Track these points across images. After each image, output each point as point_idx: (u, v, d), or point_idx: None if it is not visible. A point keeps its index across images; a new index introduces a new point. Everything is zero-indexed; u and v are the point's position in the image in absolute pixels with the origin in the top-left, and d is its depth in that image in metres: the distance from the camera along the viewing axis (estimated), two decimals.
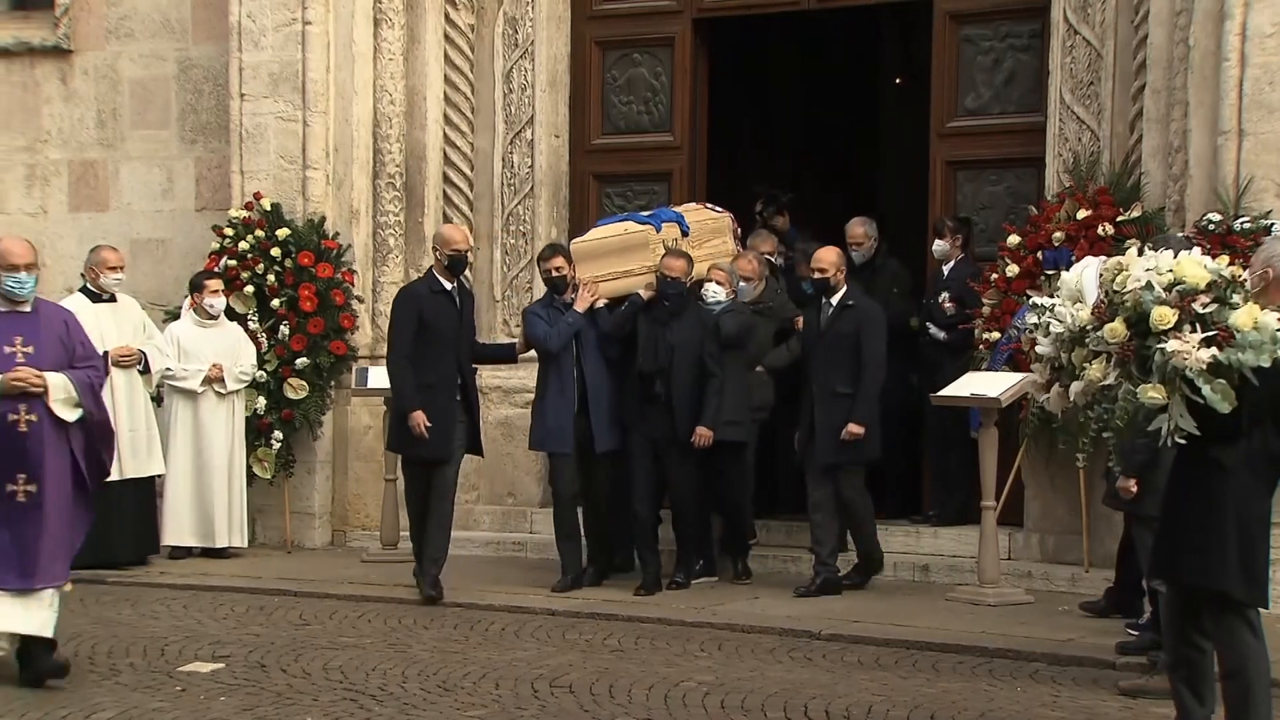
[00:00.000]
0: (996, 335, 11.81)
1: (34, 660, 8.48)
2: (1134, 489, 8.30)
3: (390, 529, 13.26)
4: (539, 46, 14.39)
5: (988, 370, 11.52)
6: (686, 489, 11.09)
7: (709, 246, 11.94)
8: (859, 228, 12.26)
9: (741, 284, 11.67)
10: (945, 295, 12.35)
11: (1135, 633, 9.68)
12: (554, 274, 11.54)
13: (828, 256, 10.44)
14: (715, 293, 11.21)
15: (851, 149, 17.27)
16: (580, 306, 11.36)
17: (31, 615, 8.40)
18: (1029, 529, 12.14)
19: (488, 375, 13.41)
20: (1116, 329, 6.38)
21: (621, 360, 11.46)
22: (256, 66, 14.45)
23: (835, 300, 10.36)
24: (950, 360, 11.61)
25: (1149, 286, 6.36)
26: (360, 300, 14.12)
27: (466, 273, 12.18)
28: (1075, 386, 6.70)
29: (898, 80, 16.76)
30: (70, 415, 8.29)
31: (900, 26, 14.95)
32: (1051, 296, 7.13)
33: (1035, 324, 7.13)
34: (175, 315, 13.38)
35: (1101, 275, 6.60)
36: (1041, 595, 11.41)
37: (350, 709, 8.43)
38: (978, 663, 9.56)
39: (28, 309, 8.45)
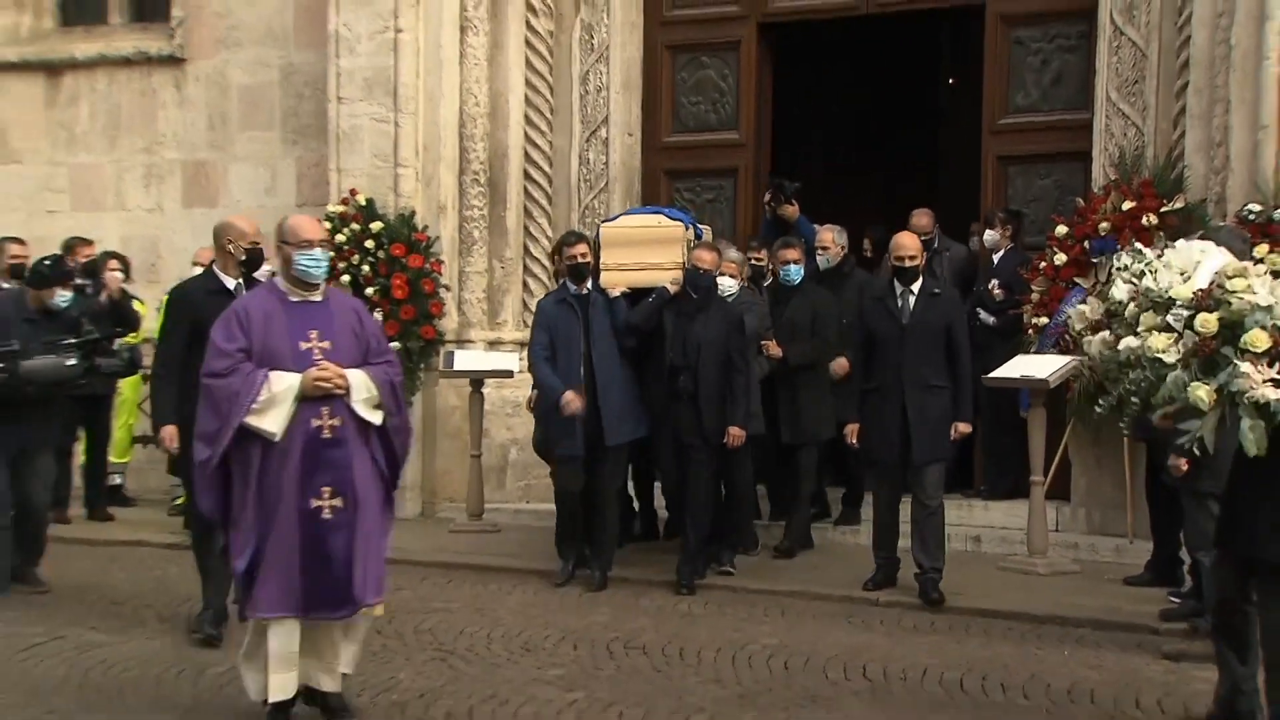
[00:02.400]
0: (1044, 320, 11.68)
1: (328, 702, 7.14)
2: (1184, 467, 7.96)
3: (475, 502, 13.20)
4: (614, 51, 14.27)
5: (1036, 353, 11.37)
6: (711, 480, 10.63)
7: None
8: (828, 234, 11.72)
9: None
10: (995, 282, 12.21)
11: (1177, 600, 9.58)
12: (578, 260, 10.72)
13: (911, 243, 9.86)
14: (728, 286, 10.73)
15: (911, 145, 16.94)
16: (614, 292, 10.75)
17: (338, 650, 7.05)
18: (1075, 503, 11.99)
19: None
20: (1209, 321, 6.12)
21: (636, 352, 10.76)
22: (352, 72, 14.37)
23: (917, 288, 9.72)
24: (1000, 344, 11.42)
25: (1265, 308, 6.04)
26: (447, 288, 14.07)
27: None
28: (1128, 341, 6.51)
29: (950, 80, 16.45)
30: (374, 418, 6.86)
31: (954, 29, 14.64)
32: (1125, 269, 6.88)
33: (1125, 266, 6.84)
34: None
35: (1222, 271, 6.26)
36: (1087, 565, 11.24)
37: (439, 668, 8.43)
38: (1027, 628, 9.45)
39: (319, 298, 6.98)
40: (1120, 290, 6.77)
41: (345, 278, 13.76)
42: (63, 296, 10.35)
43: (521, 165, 14.53)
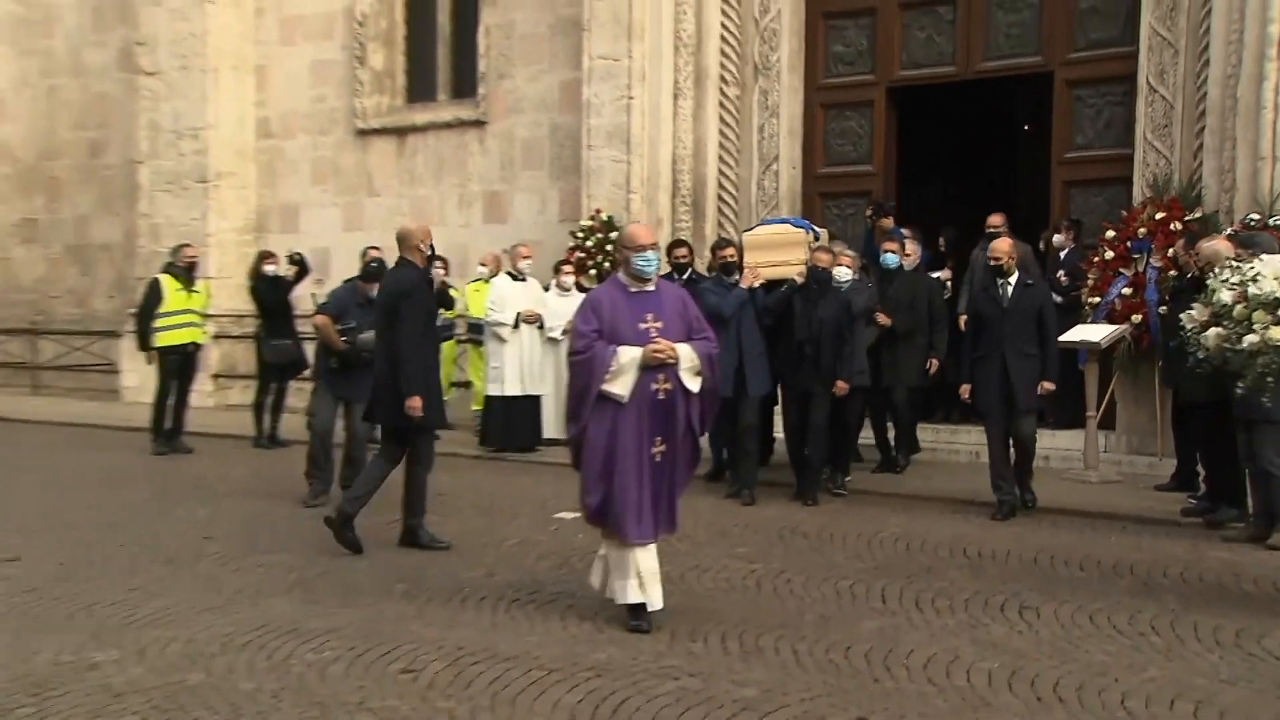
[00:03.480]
0: (1097, 300, 11.48)
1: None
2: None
3: None
4: (782, 108, 14.05)
5: (1091, 323, 11.21)
6: (827, 422, 10.12)
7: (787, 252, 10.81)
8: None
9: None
10: (1061, 273, 11.98)
11: (1194, 501, 9.39)
12: (728, 259, 10.38)
13: (1002, 247, 9.60)
14: (844, 274, 10.52)
15: (1000, 176, 16.57)
16: (745, 284, 10.24)
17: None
18: (1119, 431, 11.73)
19: None
20: None
21: (771, 329, 10.25)
22: (598, 128, 14.39)
23: (1013, 281, 9.48)
24: (1065, 317, 11.11)
25: None
26: None
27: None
28: (1250, 339, 6.38)
29: (1026, 127, 16.09)
30: (695, 385, 6.38)
31: (1029, 89, 14.32)
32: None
33: (1226, 278, 6.70)
34: (547, 288, 13.36)
35: None
36: (1127, 476, 10.99)
37: (659, 546, 8.22)
38: (1084, 521, 9.23)
39: (652, 288, 6.55)
40: (1225, 295, 6.60)
41: (592, 271, 13.85)
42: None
43: (716, 191, 14.34)
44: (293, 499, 9.90)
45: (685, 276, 10.74)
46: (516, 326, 12.57)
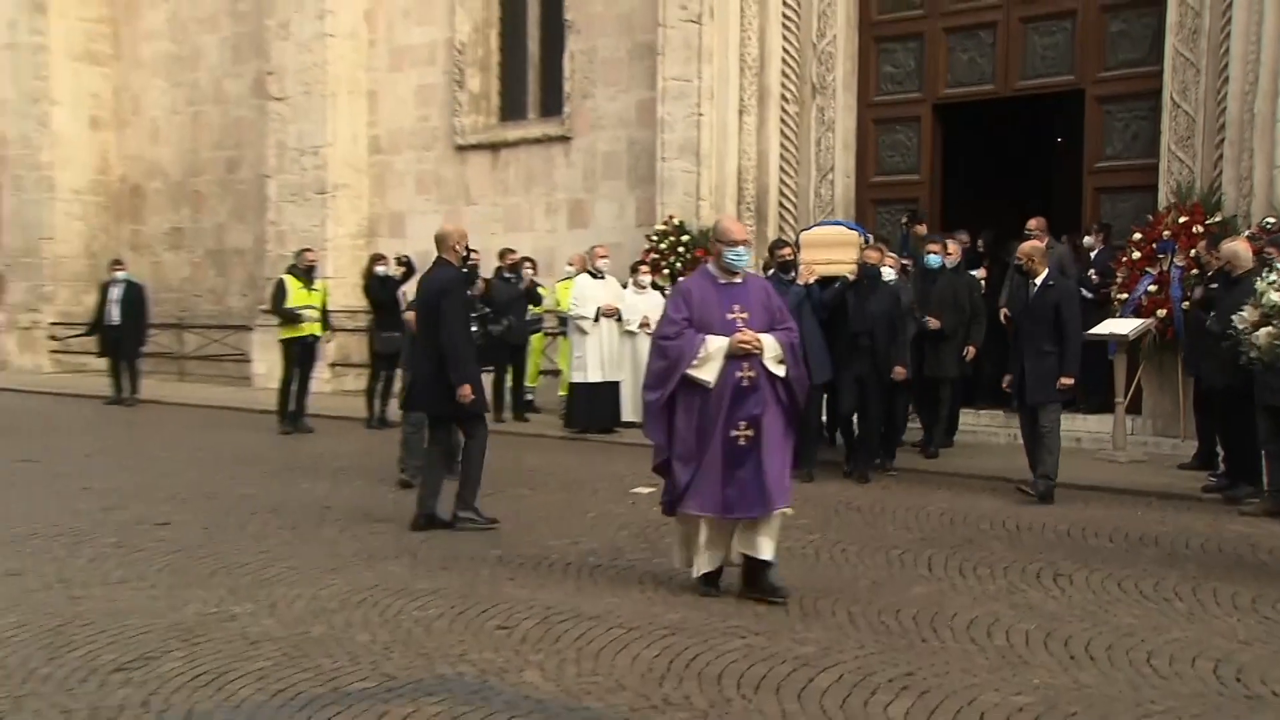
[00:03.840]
0: (1125, 296, 11.27)
1: (756, 578, 6.17)
2: None
3: None
4: (837, 123, 13.96)
5: (1120, 317, 11.01)
6: (881, 407, 10.00)
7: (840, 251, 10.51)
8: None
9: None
10: (1092, 271, 11.74)
11: (1214, 479, 9.23)
12: (785, 258, 10.06)
13: (1024, 248, 9.38)
14: (888, 273, 10.32)
15: (1034, 182, 16.27)
16: (802, 281, 9.88)
17: (759, 540, 6.10)
18: (1145, 415, 11.48)
19: None
20: None
21: (827, 322, 9.96)
22: (670, 142, 14.39)
23: (1039, 281, 9.20)
24: (1096, 311, 10.94)
25: None
26: None
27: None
28: None
29: (1059, 139, 15.80)
30: (779, 372, 6.09)
31: (1063, 105, 14.06)
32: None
33: (1274, 280, 6.66)
34: (625, 286, 13.33)
35: None
36: (1153, 456, 10.80)
37: None
38: (1112, 497, 9.11)
39: (739, 280, 6.27)
40: (1275, 296, 6.55)
41: (666, 271, 13.81)
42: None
43: (778, 199, 14.21)
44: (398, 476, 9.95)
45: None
46: (597, 320, 12.58)
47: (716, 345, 6.02)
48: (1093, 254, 11.90)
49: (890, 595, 6.25)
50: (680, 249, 13.74)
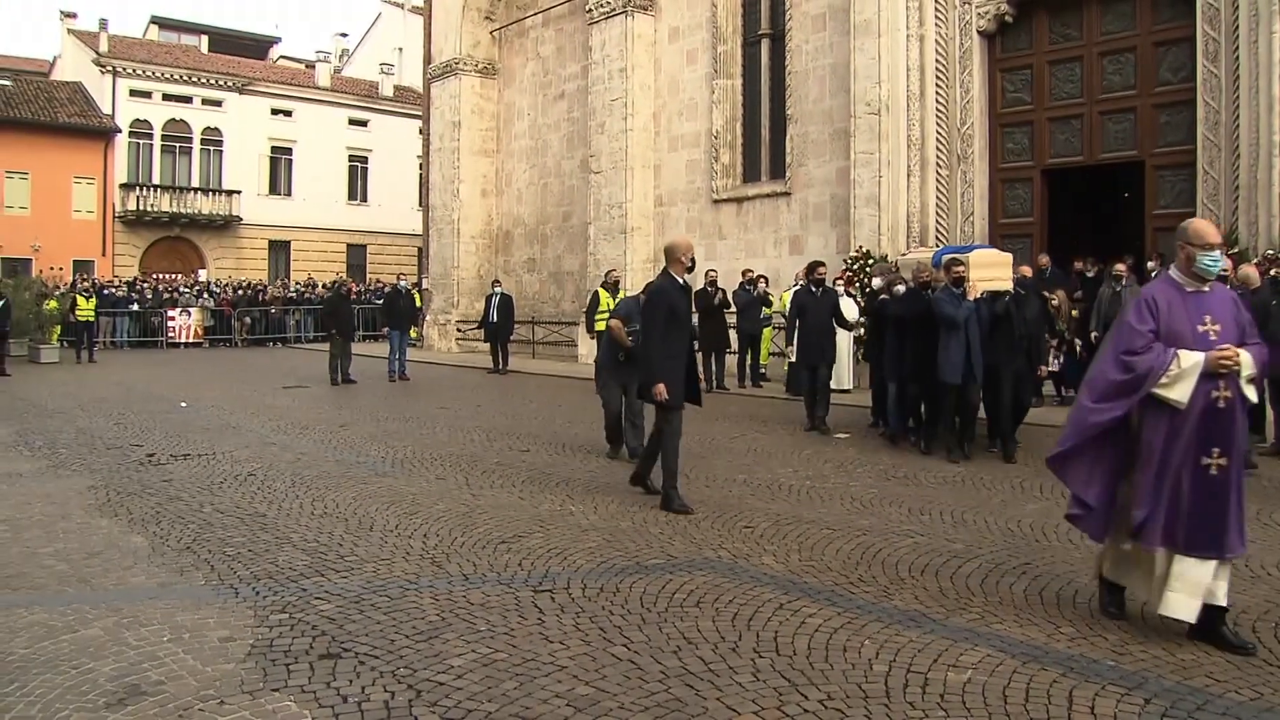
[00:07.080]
0: None
1: (1213, 625, 3.88)
2: None
3: None
4: (975, 183, 14.10)
5: None
6: (1030, 397, 8.72)
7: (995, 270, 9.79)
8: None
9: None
10: None
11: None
12: (959, 275, 8.33)
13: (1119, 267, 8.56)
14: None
15: (1108, 228, 14.94)
16: (971, 296, 8.42)
17: (1216, 584, 3.87)
18: None
19: None
20: None
21: (990, 329, 8.28)
22: (859, 196, 14.57)
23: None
24: None
25: None
26: None
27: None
28: None
29: (1125, 194, 14.44)
30: (1252, 394, 3.95)
31: (1130, 171, 12.97)
32: None
33: None
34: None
35: None
36: None
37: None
38: None
39: (1207, 289, 4.00)
40: None
41: (856, 284, 13.38)
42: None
43: (935, 235, 14.00)
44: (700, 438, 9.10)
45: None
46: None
47: (1191, 362, 3.97)
48: (1154, 275, 10.54)
49: (1012, 509, 6.23)
50: (866, 270, 13.27)
